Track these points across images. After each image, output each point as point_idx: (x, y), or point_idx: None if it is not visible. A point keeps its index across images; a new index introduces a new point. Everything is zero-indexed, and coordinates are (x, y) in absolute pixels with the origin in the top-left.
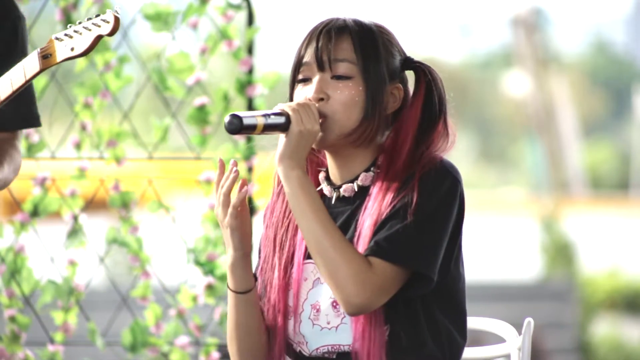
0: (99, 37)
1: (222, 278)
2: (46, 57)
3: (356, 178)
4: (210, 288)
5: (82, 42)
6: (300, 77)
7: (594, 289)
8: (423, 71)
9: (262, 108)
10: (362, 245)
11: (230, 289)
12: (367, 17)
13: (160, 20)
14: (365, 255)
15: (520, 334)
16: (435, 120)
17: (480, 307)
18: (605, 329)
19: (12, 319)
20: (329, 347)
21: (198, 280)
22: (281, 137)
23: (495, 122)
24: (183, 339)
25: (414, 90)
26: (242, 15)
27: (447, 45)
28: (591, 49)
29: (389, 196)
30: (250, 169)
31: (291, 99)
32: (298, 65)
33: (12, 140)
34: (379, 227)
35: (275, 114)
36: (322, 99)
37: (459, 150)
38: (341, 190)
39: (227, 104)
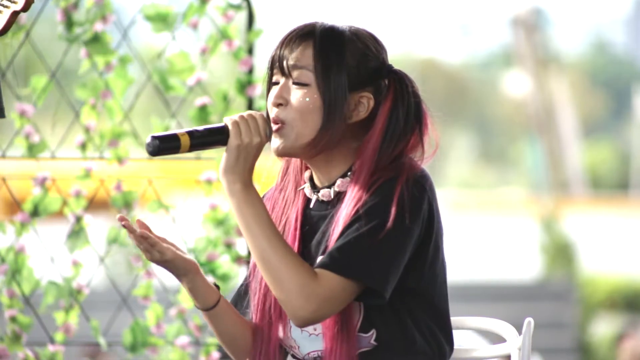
0: (15, 13)
1: (223, 278)
2: None
3: (334, 183)
4: None
5: None
6: (273, 80)
7: (594, 289)
8: (394, 80)
9: (263, 109)
10: None
11: (200, 309)
12: (354, 20)
13: (161, 20)
14: (316, 267)
15: (520, 334)
16: (404, 133)
17: (480, 307)
18: (605, 329)
19: (13, 319)
20: (319, 353)
21: None
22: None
23: (495, 122)
24: (183, 339)
25: (381, 100)
26: (242, 15)
27: (447, 45)
28: (591, 49)
29: (354, 203)
30: None
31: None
32: (270, 67)
33: None
34: (339, 235)
35: (214, 129)
36: (281, 104)
37: (459, 150)
38: (319, 194)
39: (227, 104)
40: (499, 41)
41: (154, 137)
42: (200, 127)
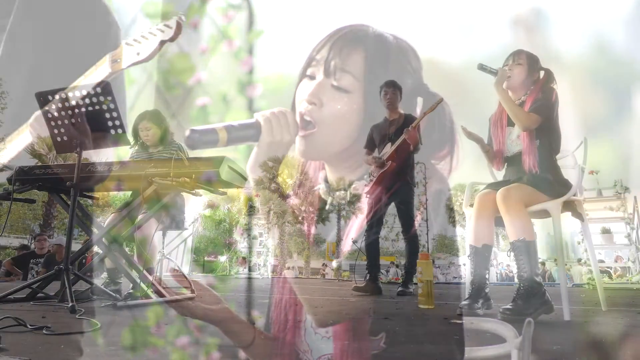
0: (162, 43)
1: (223, 278)
2: (115, 61)
3: (350, 186)
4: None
5: (147, 47)
6: (308, 72)
7: (594, 289)
8: (431, 103)
9: (263, 109)
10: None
11: (239, 347)
12: (354, 20)
13: (161, 19)
14: None
15: (520, 334)
16: (433, 152)
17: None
18: (606, 329)
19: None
20: (329, 356)
21: (198, 280)
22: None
23: None
24: (183, 339)
25: (418, 118)
26: (242, 16)
27: (447, 45)
28: (591, 49)
29: (371, 206)
30: None
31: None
32: (310, 60)
33: None
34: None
35: (247, 124)
36: (314, 103)
37: (458, 150)
38: (334, 196)
39: (227, 104)
40: (499, 41)
41: (193, 131)
42: (235, 122)
